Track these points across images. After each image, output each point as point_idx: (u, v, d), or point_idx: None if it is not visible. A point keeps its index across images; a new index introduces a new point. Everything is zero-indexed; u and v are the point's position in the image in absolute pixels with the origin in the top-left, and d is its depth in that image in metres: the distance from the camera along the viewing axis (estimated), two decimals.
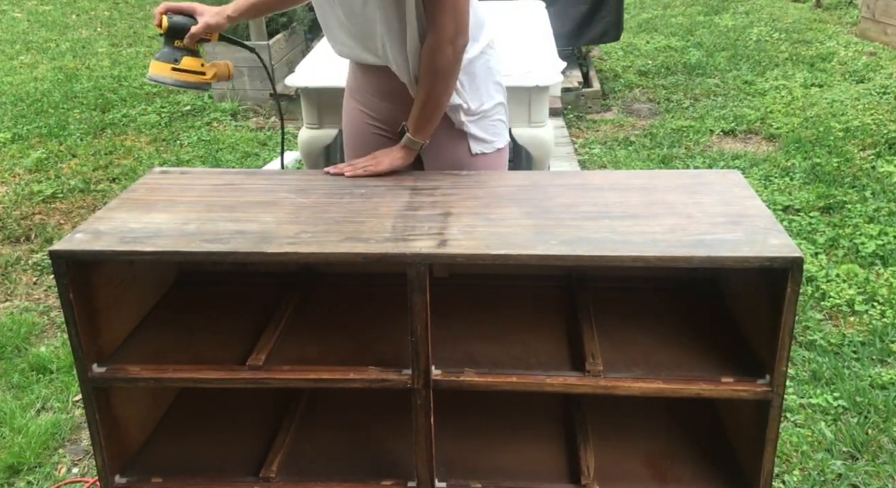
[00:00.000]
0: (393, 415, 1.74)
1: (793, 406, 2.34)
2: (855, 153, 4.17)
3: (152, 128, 5.12)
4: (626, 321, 1.66)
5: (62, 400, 2.60)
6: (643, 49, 6.45)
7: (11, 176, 4.47)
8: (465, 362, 1.52)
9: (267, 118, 5.28)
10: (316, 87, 2.62)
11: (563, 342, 1.59)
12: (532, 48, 2.90)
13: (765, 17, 7.22)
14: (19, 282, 3.37)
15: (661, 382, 1.45)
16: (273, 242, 1.40)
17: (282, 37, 5.57)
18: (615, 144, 4.56)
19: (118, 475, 1.60)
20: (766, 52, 6.11)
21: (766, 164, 4.12)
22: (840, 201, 3.64)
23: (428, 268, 1.38)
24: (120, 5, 8.94)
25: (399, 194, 1.61)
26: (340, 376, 1.49)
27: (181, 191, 1.65)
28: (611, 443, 1.67)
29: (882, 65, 5.57)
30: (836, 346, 2.62)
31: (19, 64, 6.66)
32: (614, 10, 5.38)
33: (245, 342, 1.58)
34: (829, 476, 2.07)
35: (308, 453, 1.67)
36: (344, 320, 1.69)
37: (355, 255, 1.38)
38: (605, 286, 1.78)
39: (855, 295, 2.89)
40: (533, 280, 1.81)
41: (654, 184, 1.65)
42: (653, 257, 1.34)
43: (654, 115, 5.08)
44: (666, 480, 1.59)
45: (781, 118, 4.75)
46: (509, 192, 1.63)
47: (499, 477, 1.60)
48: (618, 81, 5.69)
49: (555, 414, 1.77)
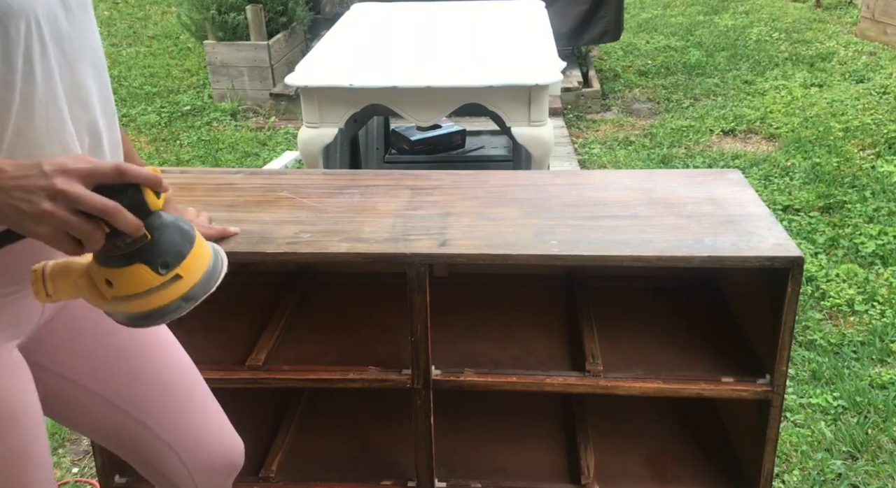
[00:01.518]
0: (393, 415, 1.74)
1: (793, 406, 2.33)
2: (855, 153, 4.17)
3: (152, 127, 5.12)
4: (626, 321, 1.66)
5: None
6: (643, 49, 6.45)
7: None
8: (465, 362, 1.52)
9: (266, 118, 5.27)
10: (316, 86, 2.61)
11: (563, 342, 1.59)
12: (532, 48, 2.90)
13: (764, 16, 7.22)
14: None
15: (661, 382, 1.45)
16: (273, 242, 1.40)
17: (282, 37, 5.57)
18: (615, 144, 4.55)
19: (118, 475, 1.60)
20: (765, 52, 6.10)
21: (766, 164, 4.12)
22: (840, 201, 3.64)
23: (428, 268, 1.38)
24: (120, 5, 8.94)
25: (399, 194, 1.61)
26: (340, 376, 1.49)
27: (181, 191, 1.64)
28: (611, 443, 1.67)
29: (882, 65, 5.57)
30: (835, 346, 2.62)
31: None
32: (614, 9, 5.38)
33: (245, 342, 1.58)
34: (829, 475, 2.06)
35: (308, 453, 1.67)
36: (344, 320, 1.69)
37: (355, 255, 1.37)
38: (605, 286, 1.78)
39: (855, 294, 2.89)
40: (533, 280, 1.81)
41: (653, 184, 1.65)
42: (653, 257, 1.34)
43: (654, 114, 5.08)
44: (666, 480, 1.59)
45: (781, 118, 4.75)
46: (509, 192, 1.63)
47: (499, 477, 1.60)
48: (618, 81, 5.68)
49: (555, 414, 1.77)
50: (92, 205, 0.81)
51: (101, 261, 0.88)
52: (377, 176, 1.72)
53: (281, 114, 5.30)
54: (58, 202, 0.80)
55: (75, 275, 0.90)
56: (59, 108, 0.94)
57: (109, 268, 0.88)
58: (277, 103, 5.32)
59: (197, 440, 1.25)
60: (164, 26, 7.88)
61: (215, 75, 5.46)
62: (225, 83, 5.46)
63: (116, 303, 0.90)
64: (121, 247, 0.86)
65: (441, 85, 2.55)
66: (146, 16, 8.33)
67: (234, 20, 5.29)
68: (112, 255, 0.87)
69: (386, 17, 3.41)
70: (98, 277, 0.89)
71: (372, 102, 2.62)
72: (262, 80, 5.39)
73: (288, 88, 5.12)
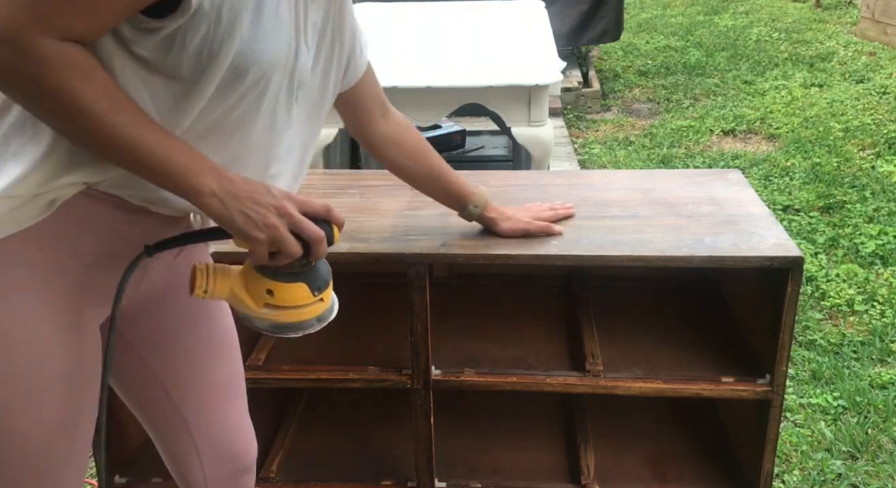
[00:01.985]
0: (393, 415, 1.74)
1: (793, 405, 2.33)
2: (855, 153, 4.17)
3: None
4: (626, 321, 1.66)
5: None
6: (643, 49, 6.45)
7: None
8: (465, 362, 1.52)
9: None
10: None
11: (563, 342, 1.59)
12: (532, 48, 2.90)
13: (764, 16, 7.22)
14: None
15: (661, 382, 1.45)
16: None
17: None
18: (615, 144, 4.55)
19: (118, 475, 1.60)
20: (765, 52, 6.10)
21: (766, 164, 4.12)
22: (840, 201, 3.64)
23: (428, 268, 1.38)
24: None
25: (399, 194, 1.61)
26: (340, 376, 1.49)
27: None
28: (611, 443, 1.67)
29: (882, 65, 5.57)
30: (835, 346, 2.62)
31: None
32: (614, 9, 5.38)
33: (245, 342, 1.58)
34: (829, 476, 2.06)
35: (308, 453, 1.67)
36: (344, 320, 1.68)
37: (355, 255, 1.37)
38: (605, 286, 1.78)
39: (855, 294, 2.89)
40: (533, 280, 1.81)
41: (653, 184, 1.65)
42: (653, 257, 1.34)
43: (654, 115, 5.08)
44: (666, 480, 1.59)
45: (781, 118, 4.75)
46: (509, 192, 1.63)
47: (499, 477, 1.60)
48: (618, 81, 5.68)
49: (555, 414, 1.77)
50: (308, 231, 0.95)
51: (269, 274, 1.01)
52: (377, 176, 1.72)
53: None
54: (283, 219, 0.94)
55: (232, 280, 1.02)
56: (274, 141, 1.08)
57: (275, 281, 1.01)
58: None
59: (217, 444, 1.31)
60: None
61: None
62: None
63: (268, 310, 1.02)
64: (295, 266, 0.99)
65: (441, 85, 2.55)
66: None
67: None
68: (284, 272, 1.00)
69: (386, 17, 3.41)
70: (260, 286, 1.01)
71: None
72: None
73: None
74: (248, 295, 1.02)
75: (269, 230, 0.93)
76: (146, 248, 1.01)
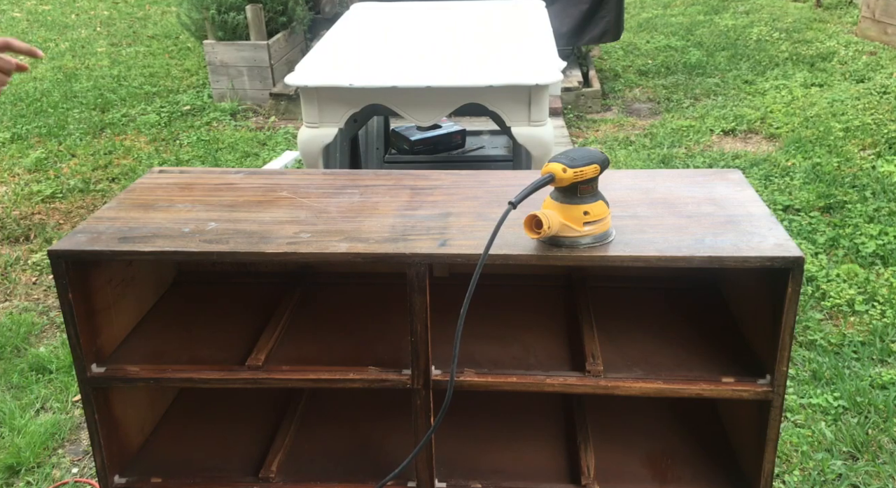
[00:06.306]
0: (393, 415, 1.74)
1: (793, 406, 2.33)
2: (855, 153, 4.17)
3: (152, 127, 5.12)
4: (626, 321, 1.65)
5: (61, 400, 2.59)
6: (643, 48, 6.45)
7: (11, 176, 4.47)
8: (465, 362, 1.52)
9: (266, 118, 5.27)
10: (315, 86, 2.61)
11: (563, 342, 1.59)
12: (532, 47, 2.90)
13: (765, 16, 7.22)
14: (19, 282, 3.37)
15: (661, 382, 1.45)
16: (272, 242, 1.40)
17: (282, 36, 5.57)
18: (615, 144, 4.55)
19: (118, 475, 1.60)
20: (766, 52, 6.10)
21: (766, 164, 4.12)
22: (840, 201, 3.64)
23: (428, 268, 1.38)
24: (119, 5, 8.94)
25: (399, 194, 1.61)
26: (340, 376, 1.49)
27: (180, 190, 1.64)
28: (611, 443, 1.67)
29: (882, 64, 5.57)
30: (836, 346, 2.62)
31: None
32: (614, 9, 5.38)
33: (244, 342, 1.58)
34: (829, 476, 2.06)
35: (308, 453, 1.67)
36: (344, 320, 1.68)
37: (355, 255, 1.37)
38: (605, 286, 1.78)
39: (855, 295, 2.89)
40: (533, 280, 1.81)
41: (654, 184, 1.65)
42: (653, 257, 1.34)
43: (654, 114, 5.08)
44: (666, 480, 1.59)
45: (781, 118, 4.75)
46: (509, 192, 1.62)
47: (499, 477, 1.60)
48: (618, 81, 5.68)
49: (555, 414, 1.77)
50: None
51: (576, 201, 1.29)
52: (377, 176, 1.72)
53: (281, 113, 5.30)
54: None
55: (558, 215, 1.29)
56: None
57: (585, 204, 1.30)
58: (277, 103, 5.32)
59: None
60: (163, 26, 7.87)
61: (215, 75, 5.46)
62: (225, 83, 5.46)
63: (591, 226, 1.30)
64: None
65: (441, 85, 2.55)
66: (146, 15, 8.33)
67: (233, 20, 5.29)
68: (578, 196, 1.29)
69: (386, 17, 3.41)
70: (577, 210, 1.29)
71: (372, 102, 2.62)
72: (261, 80, 5.40)
73: (288, 88, 5.12)
74: (570, 221, 1.29)
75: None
76: (510, 203, 1.24)
